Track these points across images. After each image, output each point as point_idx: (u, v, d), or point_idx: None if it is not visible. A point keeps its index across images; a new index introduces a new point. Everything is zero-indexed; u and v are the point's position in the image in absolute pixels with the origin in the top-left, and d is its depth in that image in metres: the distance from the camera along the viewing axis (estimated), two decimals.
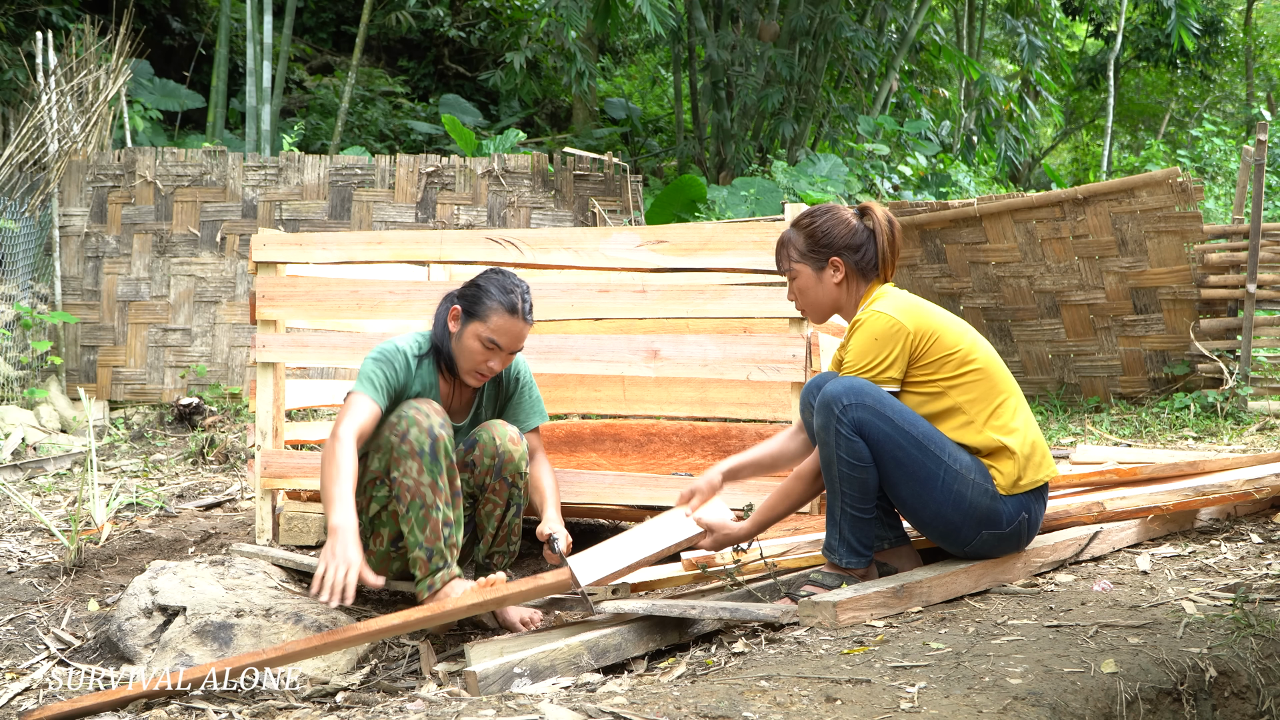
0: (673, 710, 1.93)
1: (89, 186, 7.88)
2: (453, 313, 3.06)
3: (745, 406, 4.10)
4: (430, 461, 2.80)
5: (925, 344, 2.64)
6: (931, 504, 2.62)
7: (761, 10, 11.11)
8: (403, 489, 2.81)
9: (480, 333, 3.00)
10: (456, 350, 3.05)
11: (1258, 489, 3.04)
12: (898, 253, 2.80)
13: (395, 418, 2.86)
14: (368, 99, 13.02)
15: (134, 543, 3.95)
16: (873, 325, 2.64)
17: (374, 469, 2.88)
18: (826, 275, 2.77)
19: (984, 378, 2.65)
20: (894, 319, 2.64)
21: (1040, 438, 2.70)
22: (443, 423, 2.87)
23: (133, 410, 7.57)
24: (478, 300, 3.02)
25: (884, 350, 2.62)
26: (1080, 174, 18.67)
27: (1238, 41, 17.73)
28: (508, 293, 3.02)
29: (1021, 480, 2.63)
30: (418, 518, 2.81)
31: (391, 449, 2.83)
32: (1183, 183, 6.30)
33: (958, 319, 2.77)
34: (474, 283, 3.08)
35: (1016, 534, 2.67)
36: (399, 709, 2.38)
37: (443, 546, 2.82)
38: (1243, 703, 2.13)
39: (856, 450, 2.59)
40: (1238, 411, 5.88)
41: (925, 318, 2.67)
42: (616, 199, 7.90)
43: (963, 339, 2.67)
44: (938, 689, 1.97)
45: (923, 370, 2.64)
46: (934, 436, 2.62)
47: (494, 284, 3.04)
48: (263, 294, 3.64)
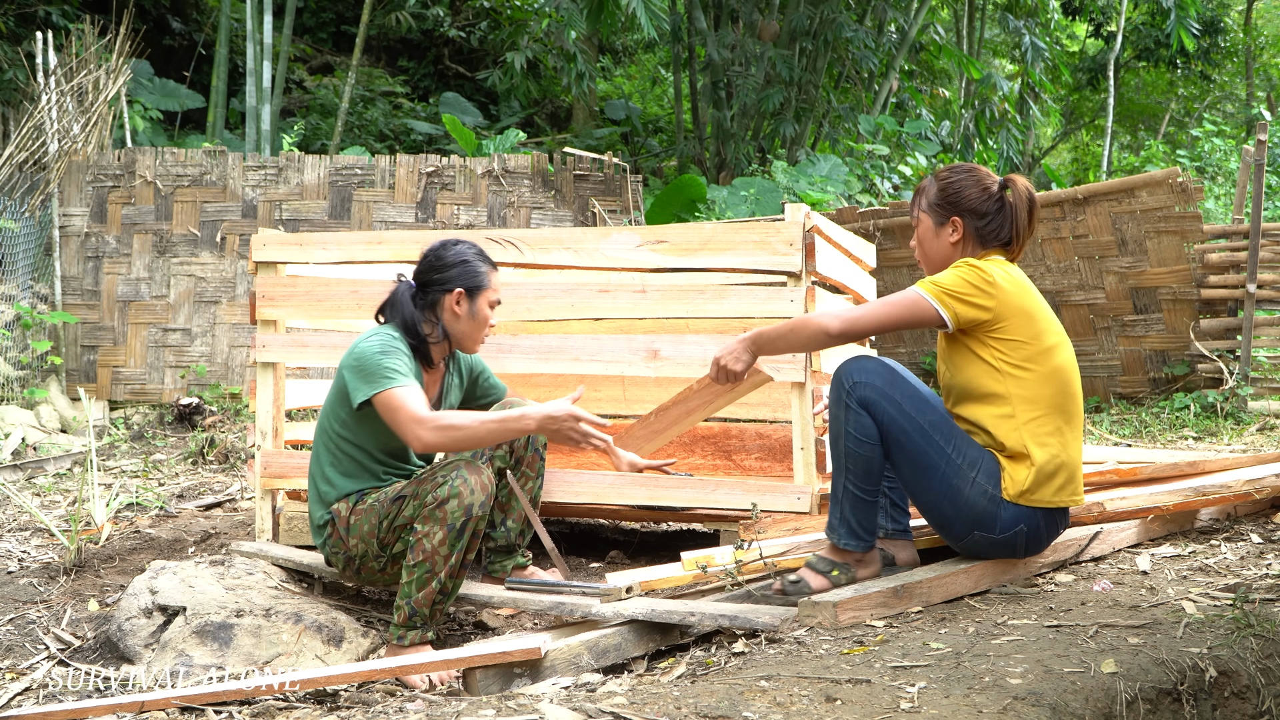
0: (673, 710, 1.93)
1: (89, 186, 7.88)
2: (455, 297, 3.04)
3: (745, 406, 4.09)
4: (455, 537, 2.81)
5: (1009, 317, 2.59)
6: (928, 492, 2.63)
7: (761, 10, 11.10)
8: (419, 547, 2.82)
9: (490, 298, 3.09)
10: (469, 328, 3.08)
11: (1258, 489, 3.04)
12: (1029, 231, 2.74)
13: (441, 478, 2.83)
14: (368, 99, 13.02)
15: (134, 543, 3.95)
16: (973, 268, 2.61)
17: (407, 515, 2.88)
18: (945, 232, 2.75)
19: (1048, 382, 2.60)
20: (992, 278, 2.60)
21: (1075, 463, 2.63)
22: (485, 501, 2.84)
23: (133, 410, 7.57)
24: (472, 274, 3.06)
25: (967, 289, 2.58)
26: (1080, 174, 18.67)
27: (1238, 41, 17.73)
28: (481, 253, 3.11)
29: (1031, 494, 2.58)
30: (420, 578, 2.83)
31: (424, 507, 2.83)
32: (1183, 183, 6.30)
33: (1058, 323, 2.72)
34: (448, 263, 3.07)
35: (1011, 543, 2.63)
36: (399, 709, 2.38)
37: (427, 612, 2.84)
38: (1243, 703, 2.13)
39: (864, 426, 2.60)
40: (1238, 411, 5.88)
41: (1023, 297, 2.62)
42: (616, 199, 7.90)
43: (1048, 336, 2.62)
44: (938, 689, 1.97)
45: (996, 342, 2.60)
46: (942, 426, 2.60)
47: (469, 254, 3.08)
48: (263, 294, 3.64)
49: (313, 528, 3.09)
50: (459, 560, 2.84)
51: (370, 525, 2.92)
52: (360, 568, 3.01)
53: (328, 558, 3.08)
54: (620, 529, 4.10)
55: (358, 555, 2.97)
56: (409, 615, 2.83)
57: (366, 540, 2.93)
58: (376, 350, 2.94)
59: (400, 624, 2.84)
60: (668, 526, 4.17)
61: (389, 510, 2.90)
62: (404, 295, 3.08)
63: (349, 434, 3.01)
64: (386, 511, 2.90)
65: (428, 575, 2.81)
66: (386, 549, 2.94)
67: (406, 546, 2.89)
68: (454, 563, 2.83)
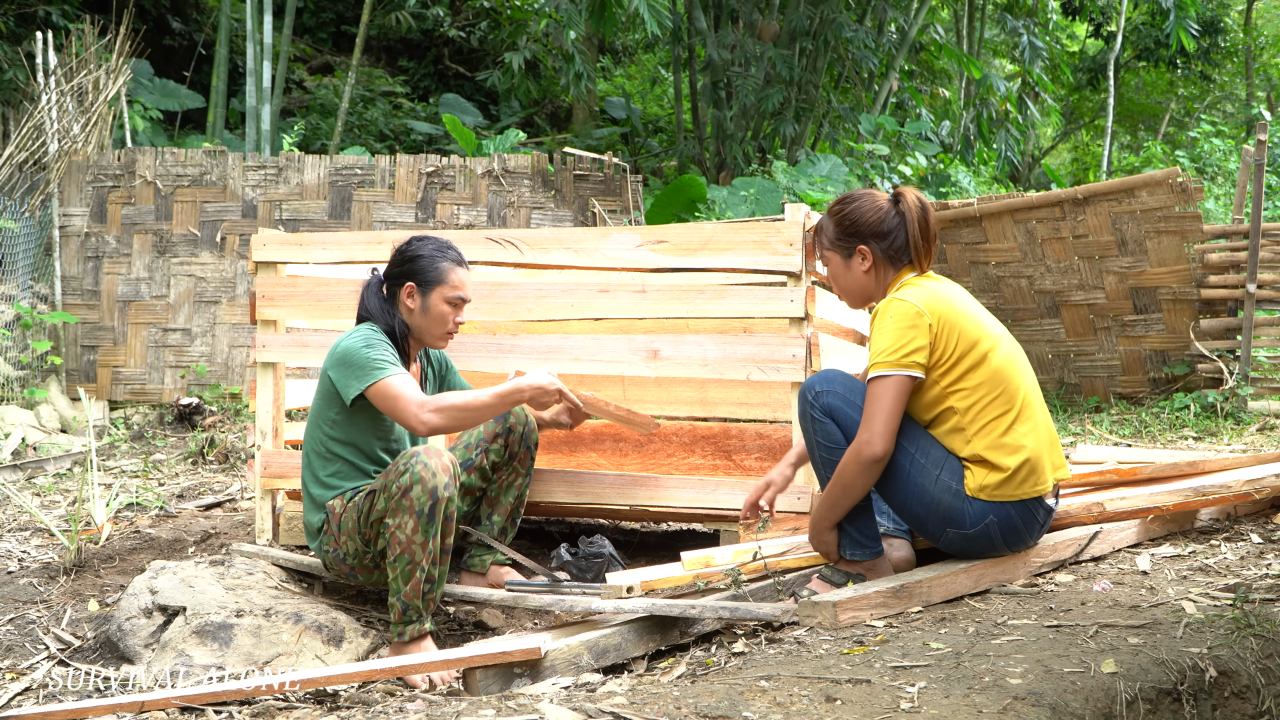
0: (673, 710, 1.93)
1: (89, 186, 7.88)
2: (407, 290, 3.07)
3: (745, 406, 4.10)
4: (426, 522, 2.79)
5: (942, 340, 2.58)
6: (898, 494, 2.65)
7: (761, 10, 11.10)
8: (394, 541, 2.82)
9: (447, 294, 3.07)
10: (423, 323, 3.09)
11: (1258, 489, 3.04)
12: (930, 238, 2.71)
13: (402, 466, 2.81)
14: (368, 99, 13.02)
15: (134, 543, 3.95)
16: (893, 311, 2.60)
17: (379, 508, 2.88)
18: (854, 263, 2.74)
19: (988, 387, 2.59)
20: (913, 305, 2.59)
21: (1037, 453, 2.61)
22: (449, 481, 2.81)
23: (133, 410, 7.57)
24: (425, 269, 3.07)
25: (906, 338, 2.57)
26: (1080, 174, 18.66)
27: (1237, 41, 17.72)
28: (445, 249, 3.10)
29: (995, 489, 2.58)
30: (403, 571, 2.82)
31: (391, 499, 2.82)
32: (1183, 183, 6.30)
33: (985, 315, 2.69)
34: (405, 257, 3.10)
35: (986, 536, 2.63)
36: (399, 709, 2.38)
37: (420, 603, 2.83)
38: (1243, 703, 2.13)
39: (829, 433, 2.63)
40: (1238, 411, 5.88)
41: (947, 313, 2.60)
42: (616, 199, 7.90)
43: (982, 339, 2.60)
44: (938, 689, 1.97)
45: (933, 369, 2.60)
46: (905, 429, 2.61)
47: (427, 249, 3.09)
48: (263, 294, 3.64)
49: (308, 534, 3.10)
50: (437, 545, 2.83)
51: (353, 523, 2.94)
52: (355, 567, 3.01)
53: (325, 562, 3.09)
54: (620, 529, 4.10)
55: (347, 553, 2.99)
56: (403, 611, 2.83)
57: (352, 536, 2.95)
58: (360, 344, 2.96)
59: (397, 621, 2.84)
60: (668, 527, 4.17)
61: (364, 505, 2.91)
62: (370, 288, 3.13)
63: (339, 434, 3.02)
64: (362, 506, 2.92)
65: (410, 566, 2.81)
66: (371, 545, 2.95)
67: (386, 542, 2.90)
68: (432, 548, 2.82)
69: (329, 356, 3.01)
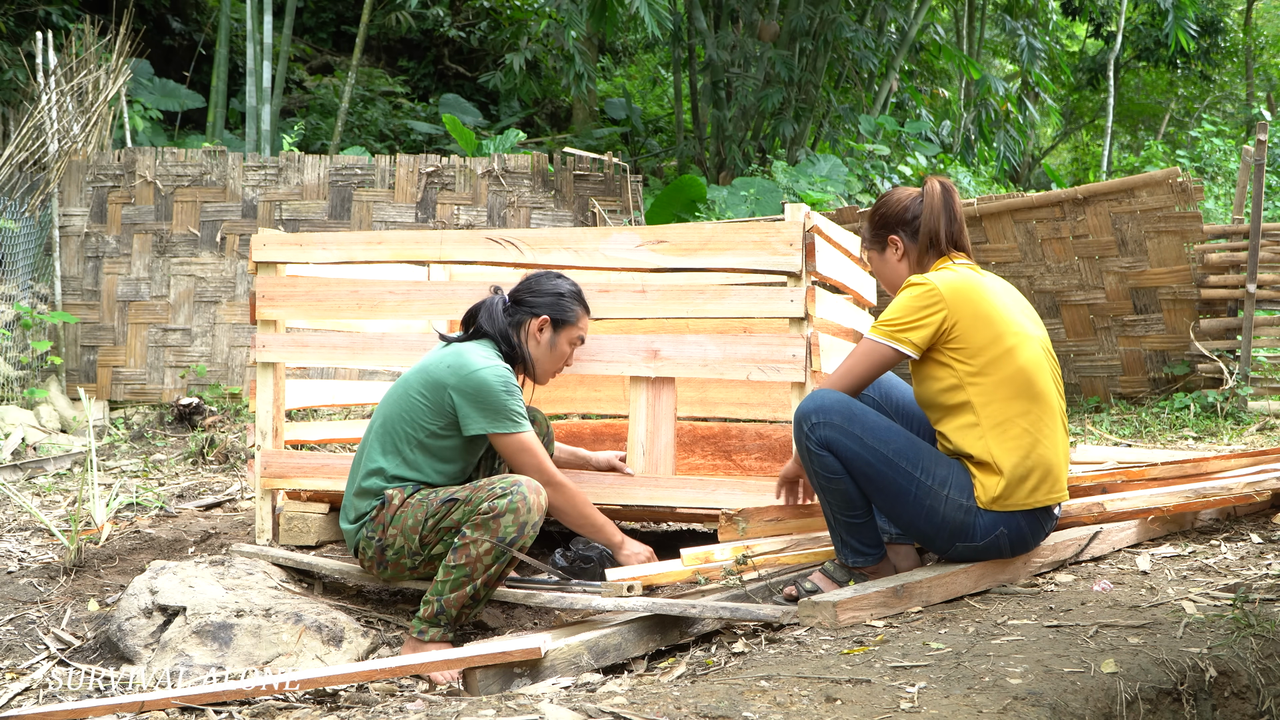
0: (673, 710, 1.93)
1: (89, 186, 7.88)
2: (539, 324, 3.13)
3: (745, 406, 4.10)
4: (499, 553, 2.82)
5: (962, 326, 2.58)
6: (905, 515, 2.64)
7: (761, 10, 11.10)
8: (462, 551, 2.84)
9: (573, 336, 3.18)
10: (544, 357, 3.17)
11: (1259, 491, 3.04)
12: (955, 222, 2.73)
13: (501, 489, 2.85)
14: (368, 99, 13.02)
15: (134, 543, 3.95)
16: (912, 288, 2.64)
17: (455, 518, 2.89)
18: (890, 255, 2.80)
19: (1009, 385, 2.58)
20: (934, 287, 2.60)
21: (1051, 462, 2.61)
22: (538, 521, 2.87)
23: (133, 410, 7.57)
24: (565, 308, 3.15)
25: (912, 314, 2.60)
26: (1080, 174, 18.66)
27: (1237, 41, 17.72)
28: (580, 293, 3.19)
29: (1005, 499, 2.58)
30: (456, 580, 2.84)
31: (477, 514, 2.84)
32: (1183, 183, 6.30)
33: (1020, 311, 2.68)
34: (547, 291, 3.16)
35: (995, 547, 2.63)
36: (399, 709, 2.38)
37: (454, 613, 2.85)
38: (1243, 703, 2.13)
39: (828, 464, 2.63)
40: (1238, 411, 5.88)
41: (973, 299, 2.60)
42: (616, 199, 7.90)
43: (1006, 338, 2.59)
44: (938, 689, 1.97)
45: (952, 352, 2.60)
46: (907, 452, 2.60)
47: (566, 288, 3.17)
48: (263, 294, 3.64)
49: (345, 516, 3.08)
50: (498, 572, 2.85)
51: (415, 520, 2.92)
52: (390, 562, 3.00)
53: (357, 546, 3.06)
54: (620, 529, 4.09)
55: (392, 547, 2.97)
56: (436, 613, 2.83)
57: (408, 535, 2.94)
58: (501, 388, 2.97)
59: (425, 618, 2.84)
60: (668, 527, 4.17)
61: (438, 510, 2.91)
62: (497, 307, 3.15)
63: (433, 443, 3.01)
64: (435, 510, 2.91)
65: (464, 579, 2.82)
66: (426, 548, 2.95)
67: (448, 548, 2.90)
68: (493, 573, 2.84)
69: (453, 373, 2.98)
